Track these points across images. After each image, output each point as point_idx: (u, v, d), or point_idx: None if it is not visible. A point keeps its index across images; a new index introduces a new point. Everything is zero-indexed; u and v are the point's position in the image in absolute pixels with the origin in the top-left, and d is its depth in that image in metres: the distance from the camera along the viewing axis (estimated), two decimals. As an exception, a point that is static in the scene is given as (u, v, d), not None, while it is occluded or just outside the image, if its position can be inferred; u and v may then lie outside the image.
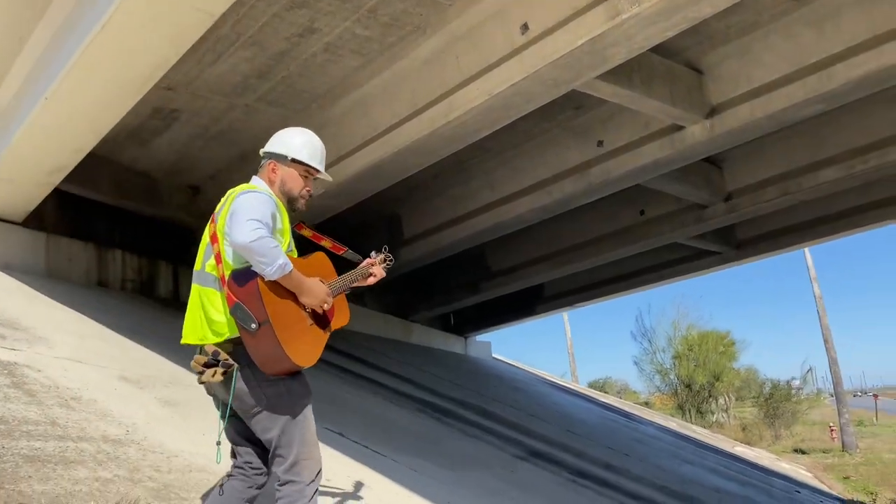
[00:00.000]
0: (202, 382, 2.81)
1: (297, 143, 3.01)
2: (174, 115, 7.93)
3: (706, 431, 21.53)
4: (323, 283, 2.85)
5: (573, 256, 12.34)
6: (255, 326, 2.62)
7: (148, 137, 8.38)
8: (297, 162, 2.98)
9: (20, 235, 7.82)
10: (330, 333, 2.95)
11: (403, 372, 9.73)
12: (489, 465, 6.16)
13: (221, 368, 2.71)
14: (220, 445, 2.89)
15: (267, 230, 2.66)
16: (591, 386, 44.74)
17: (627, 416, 16.00)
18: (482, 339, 18.12)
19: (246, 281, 2.68)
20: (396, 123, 7.04)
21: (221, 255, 2.80)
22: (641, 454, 9.92)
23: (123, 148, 8.57)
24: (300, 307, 2.79)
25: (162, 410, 4.36)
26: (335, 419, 5.40)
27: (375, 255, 3.30)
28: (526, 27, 5.72)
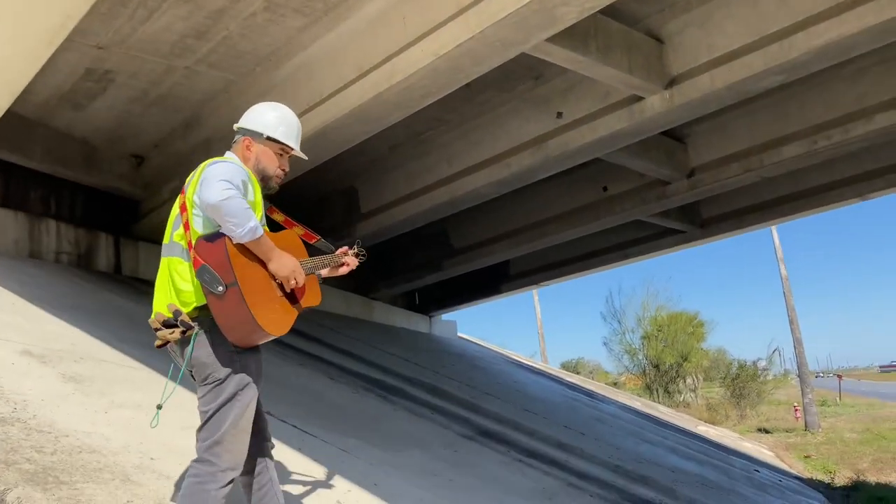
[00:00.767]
0: (159, 344, 2.74)
1: (271, 119, 2.97)
2: (109, 76, 7.50)
3: (671, 411, 21.60)
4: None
5: (536, 233, 12.11)
6: (221, 289, 2.55)
7: (83, 101, 7.94)
8: (272, 140, 2.94)
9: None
10: (300, 311, 2.88)
11: (355, 349, 9.44)
12: (430, 444, 5.92)
13: (181, 328, 2.66)
14: (160, 409, 2.86)
15: (238, 193, 2.60)
16: (563, 366, 44.89)
17: (591, 395, 15.90)
18: (448, 318, 17.93)
19: (213, 243, 2.62)
20: (341, 88, 6.69)
21: (189, 222, 2.74)
22: (599, 433, 9.76)
23: (57, 112, 8.13)
24: (269, 277, 2.72)
25: (63, 386, 4.04)
26: (266, 397, 5.09)
27: (349, 249, 3.27)
28: (472, -16, 5.40)
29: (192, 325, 2.68)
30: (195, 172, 2.85)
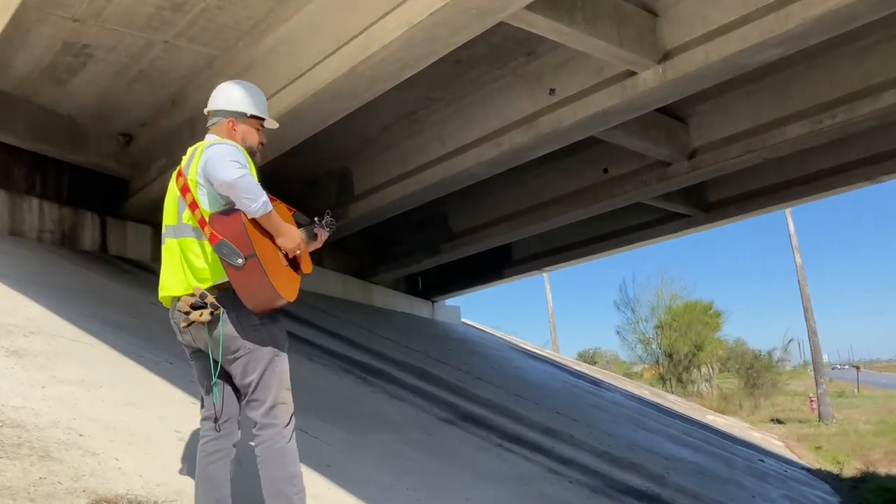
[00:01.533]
0: (189, 324, 2.85)
1: (247, 97, 3.12)
2: (87, 50, 7.35)
3: (680, 400, 21.31)
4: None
5: (535, 216, 11.88)
6: (241, 261, 2.70)
7: (63, 76, 7.81)
8: (253, 117, 3.12)
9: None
10: (301, 277, 3.08)
11: (343, 331, 9.28)
12: (404, 428, 5.74)
13: (210, 309, 2.79)
14: (216, 386, 2.92)
15: (247, 170, 2.77)
16: (580, 356, 44.49)
17: (595, 383, 15.67)
18: (452, 303, 17.75)
19: (229, 218, 2.78)
20: (320, 61, 6.49)
21: (197, 202, 2.87)
22: (593, 420, 9.55)
23: (39, 87, 8.01)
24: (276, 248, 2.89)
25: (3, 361, 3.90)
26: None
27: (319, 219, 3.32)
28: (445, -52, 5.18)
29: (218, 305, 2.81)
30: (193, 154, 2.97)
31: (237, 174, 2.72)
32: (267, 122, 3.21)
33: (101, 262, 8.26)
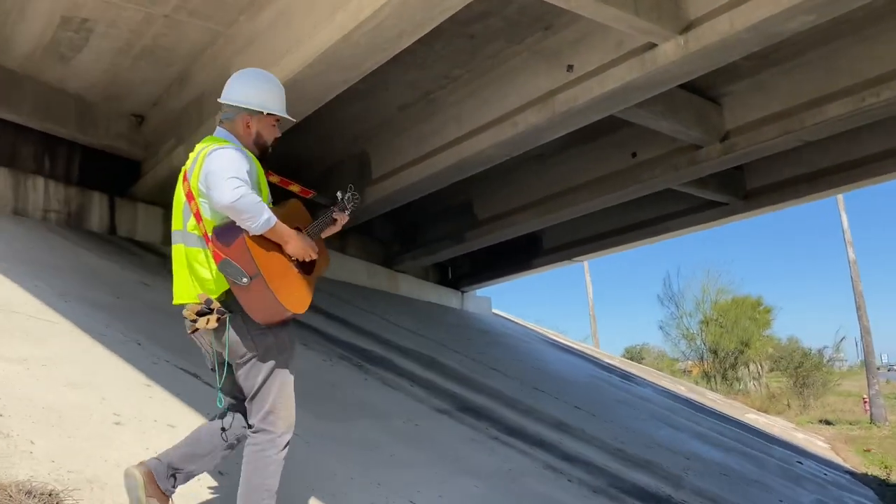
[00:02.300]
0: (195, 331, 2.84)
1: (264, 93, 2.97)
2: (87, 25, 7.20)
3: (720, 397, 20.56)
4: (302, 231, 2.90)
5: (560, 203, 11.43)
6: (246, 280, 2.64)
7: (67, 52, 7.68)
8: (271, 114, 2.98)
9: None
10: (316, 278, 2.98)
11: (354, 319, 9.00)
12: (388, 416, 5.43)
13: (216, 315, 2.74)
14: (221, 391, 2.91)
15: (247, 186, 2.66)
16: (627, 352, 43.54)
17: (627, 377, 15.14)
18: (482, 293, 17.41)
19: (232, 236, 2.69)
20: (313, 31, 6.21)
21: (200, 212, 2.80)
22: (614, 415, 9.10)
23: (44, 65, 7.91)
24: (285, 256, 2.82)
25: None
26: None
27: (342, 194, 3.22)
28: None
29: (224, 311, 2.76)
30: (196, 156, 2.88)
31: (234, 196, 2.61)
32: (284, 118, 3.10)
33: (107, 243, 8.14)
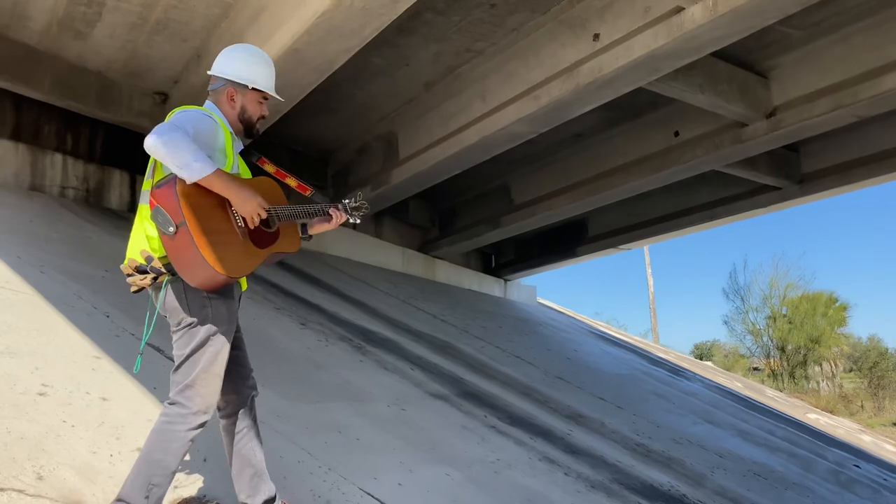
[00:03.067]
0: (135, 290, 2.79)
1: (251, 68, 2.93)
2: (96, -1, 7.13)
3: (781, 396, 19.54)
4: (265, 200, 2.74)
5: (598, 186, 10.90)
6: (172, 230, 2.54)
7: (81, 28, 7.64)
8: (256, 90, 2.93)
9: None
10: (271, 254, 2.83)
11: (371, 301, 8.70)
12: (372, 400, 5.11)
13: (151, 274, 2.70)
14: (141, 355, 2.88)
15: (181, 132, 2.55)
16: (696, 349, 42.07)
17: (676, 371, 14.47)
18: (528, 282, 16.97)
19: (166, 183, 2.60)
20: (310, -3, 5.95)
21: (156, 169, 2.76)
22: (646, 409, 8.57)
23: (62, 41, 7.89)
24: (231, 217, 2.68)
25: None
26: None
27: (350, 200, 3.13)
28: None
29: (162, 270, 2.68)
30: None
31: (156, 133, 2.51)
32: (273, 96, 3.02)
33: (123, 220, 8.10)
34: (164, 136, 2.50)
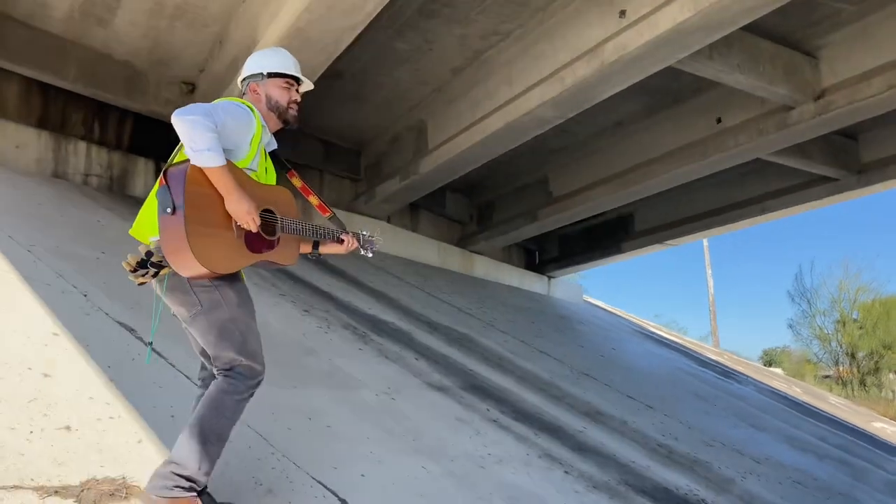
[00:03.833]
0: (140, 283, 2.75)
1: (263, 58, 3.04)
2: (112, -16, 7.12)
3: (845, 403, 18.51)
4: (272, 212, 2.78)
5: (638, 176, 10.42)
6: (169, 210, 2.51)
7: (103, 15, 7.66)
8: (273, 75, 3.00)
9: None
10: (263, 261, 2.79)
11: (393, 292, 8.47)
12: (360, 388, 4.85)
13: (152, 270, 2.65)
14: (151, 345, 2.88)
15: (208, 120, 2.54)
16: (765, 355, 40.38)
17: (727, 374, 13.80)
18: (575, 280, 16.52)
19: (180, 167, 2.58)
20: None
21: (178, 152, 2.78)
22: (680, 409, 8.08)
23: (85, 29, 7.94)
24: (230, 218, 2.65)
25: None
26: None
27: (367, 234, 3.22)
28: None
29: (163, 265, 2.64)
30: None
31: (185, 114, 2.51)
32: (303, 81, 3.09)
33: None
34: (192, 114, 2.52)
